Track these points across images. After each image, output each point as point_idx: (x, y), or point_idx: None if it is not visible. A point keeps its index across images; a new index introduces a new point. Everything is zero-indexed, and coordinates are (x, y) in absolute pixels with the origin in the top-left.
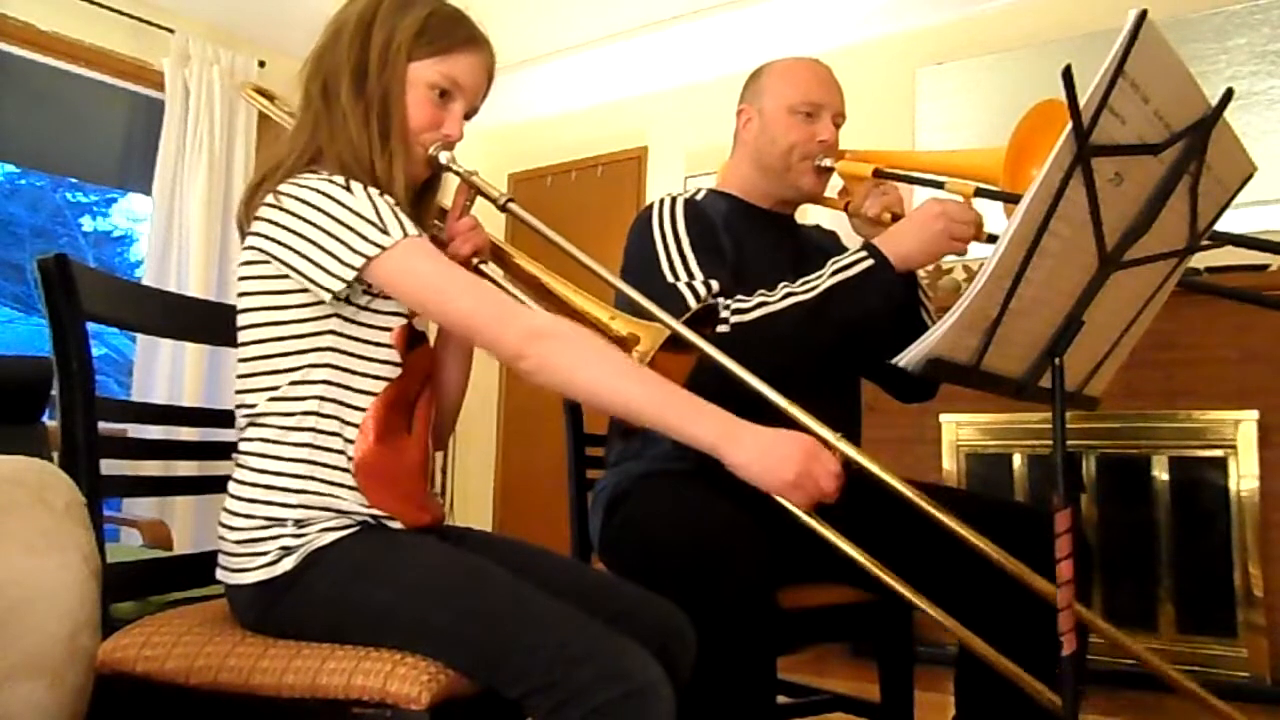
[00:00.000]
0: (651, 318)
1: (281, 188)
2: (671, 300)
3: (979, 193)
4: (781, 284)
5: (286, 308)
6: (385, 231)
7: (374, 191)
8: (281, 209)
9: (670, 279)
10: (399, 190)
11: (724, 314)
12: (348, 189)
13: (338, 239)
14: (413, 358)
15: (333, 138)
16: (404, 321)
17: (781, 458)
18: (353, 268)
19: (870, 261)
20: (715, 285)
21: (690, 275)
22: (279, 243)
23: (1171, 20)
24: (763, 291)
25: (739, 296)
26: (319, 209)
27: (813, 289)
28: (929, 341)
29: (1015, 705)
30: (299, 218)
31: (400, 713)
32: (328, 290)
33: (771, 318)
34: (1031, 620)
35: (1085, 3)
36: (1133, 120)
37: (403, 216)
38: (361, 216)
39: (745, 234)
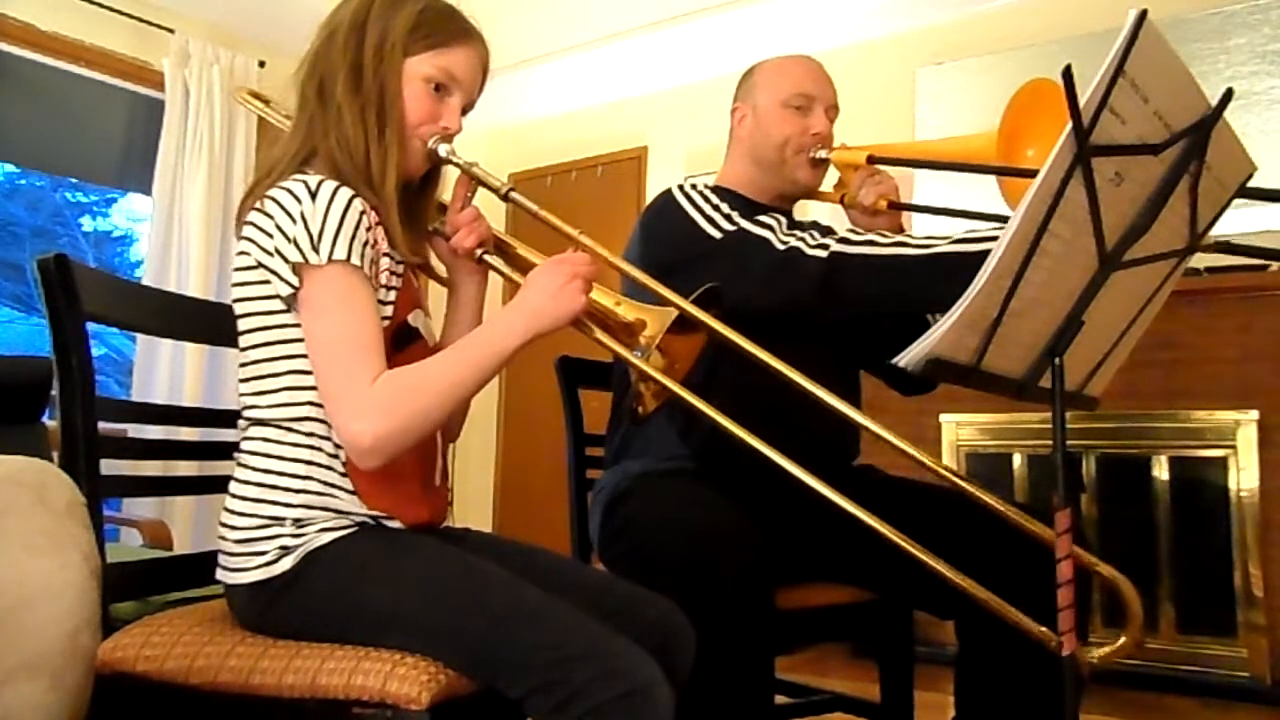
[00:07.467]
0: (660, 301)
1: (268, 192)
2: (747, 247)
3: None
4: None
5: (277, 312)
6: (315, 249)
7: (339, 205)
8: (263, 212)
9: (729, 227)
10: (391, 188)
11: (825, 239)
12: (313, 195)
13: (291, 242)
14: (402, 358)
15: (327, 136)
16: (389, 323)
17: (558, 289)
18: (296, 274)
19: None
20: (784, 220)
21: (753, 220)
22: (260, 247)
23: (1171, 20)
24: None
25: (850, 228)
26: (286, 211)
27: (926, 247)
28: (929, 341)
29: (1015, 705)
30: (271, 219)
31: (400, 713)
32: (280, 295)
33: (870, 260)
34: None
35: (1085, 3)
36: (1133, 120)
37: (351, 242)
38: (305, 226)
39: None
